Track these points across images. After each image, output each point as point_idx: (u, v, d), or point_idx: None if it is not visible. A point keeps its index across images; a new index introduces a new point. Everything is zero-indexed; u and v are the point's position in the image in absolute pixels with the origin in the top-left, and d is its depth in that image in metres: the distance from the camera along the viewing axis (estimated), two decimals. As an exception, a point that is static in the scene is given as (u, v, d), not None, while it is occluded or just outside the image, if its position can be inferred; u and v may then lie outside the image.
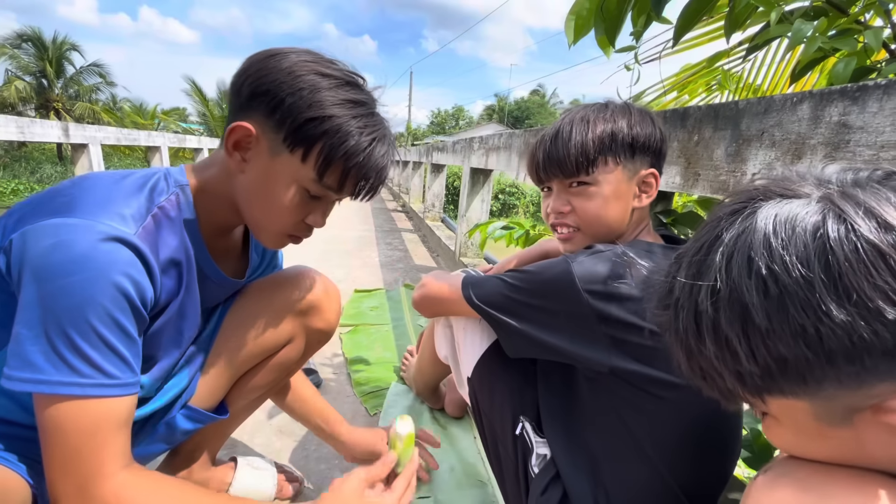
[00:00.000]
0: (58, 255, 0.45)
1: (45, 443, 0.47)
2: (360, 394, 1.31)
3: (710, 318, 0.31)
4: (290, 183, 0.57)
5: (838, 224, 0.27)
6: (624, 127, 0.68)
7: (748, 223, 0.30)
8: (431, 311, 0.88)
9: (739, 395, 0.34)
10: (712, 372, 0.33)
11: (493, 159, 2.21)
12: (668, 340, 0.36)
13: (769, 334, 0.28)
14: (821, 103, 0.62)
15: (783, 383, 0.30)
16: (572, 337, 0.63)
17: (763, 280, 0.28)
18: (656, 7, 0.84)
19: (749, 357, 0.30)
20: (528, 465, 0.72)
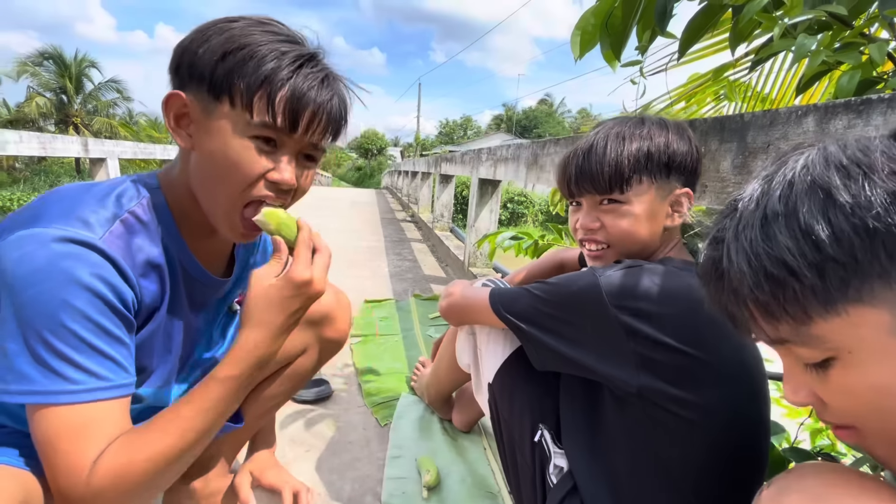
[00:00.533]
0: (24, 266, 0.46)
1: (39, 449, 0.48)
2: (371, 404, 1.32)
3: (782, 216, 0.31)
4: (230, 136, 0.53)
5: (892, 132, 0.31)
6: (661, 145, 0.66)
7: (815, 150, 0.33)
8: (458, 319, 0.90)
9: (812, 308, 0.31)
10: (786, 275, 0.31)
11: (502, 170, 2.23)
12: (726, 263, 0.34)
13: (855, 210, 0.29)
14: (826, 116, 0.63)
15: (867, 271, 0.29)
16: (599, 353, 0.63)
17: (843, 166, 0.30)
18: (660, 23, 0.85)
19: (833, 240, 0.29)
20: (546, 473, 0.73)
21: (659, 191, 0.68)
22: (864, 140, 0.32)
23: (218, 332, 0.78)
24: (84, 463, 0.47)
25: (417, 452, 1.10)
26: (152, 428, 0.51)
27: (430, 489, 0.97)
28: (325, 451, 1.11)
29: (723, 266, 0.34)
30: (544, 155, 1.63)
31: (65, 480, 0.47)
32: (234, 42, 0.51)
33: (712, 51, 1.36)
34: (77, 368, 0.48)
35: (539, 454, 0.74)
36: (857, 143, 0.32)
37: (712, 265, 0.36)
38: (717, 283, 0.35)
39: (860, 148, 0.31)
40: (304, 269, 0.56)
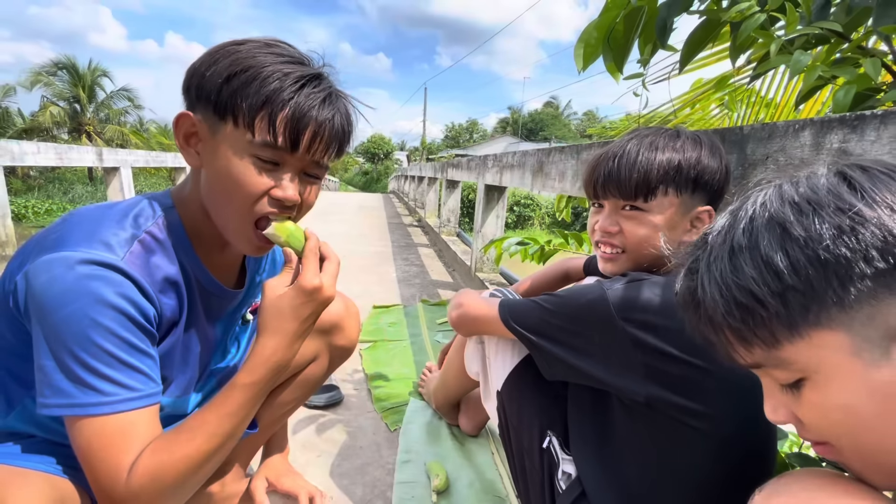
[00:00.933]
0: (53, 288, 0.49)
1: (79, 456, 0.52)
2: (381, 409, 1.35)
3: (746, 249, 0.35)
4: (234, 155, 0.55)
5: (848, 167, 0.35)
6: (692, 160, 0.67)
7: (769, 185, 0.37)
8: (468, 330, 0.92)
9: (780, 333, 0.34)
10: (754, 304, 0.34)
11: (507, 177, 2.26)
12: (701, 293, 0.37)
13: (808, 243, 0.32)
14: (821, 131, 0.65)
15: (824, 298, 0.32)
16: (608, 364, 0.64)
17: (795, 203, 0.34)
18: (661, 37, 0.87)
19: (791, 271, 0.32)
20: (555, 478, 0.74)
21: (682, 205, 0.68)
22: (813, 178, 0.35)
23: (232, 343, 0.81)
24: (122, 466, 0.51)
25: (426, 457, 1.12)
26: (181, 432, 0.54)
27: (439, 493, 0.99)
28: (336, 455, 1.13)
29: (698, 296, 0.37)
30: (549, 163, 1.66)
31: (106, 483, 0.51)
32: (240, 64, 0.54)
33: (714, 59, 1.38)
34: (109, 381, 0.51)
35: (547, 460, 0.76)
36: (807, 180, 0.35)
37: (689, 294, 0.39)
38: (695, 312, 0.38)
39: (810, 186, 0.34)
40: (313, 276, 0.59)
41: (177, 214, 0.62)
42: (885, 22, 0.64)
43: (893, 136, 0.56)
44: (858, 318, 0.31)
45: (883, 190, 0.32)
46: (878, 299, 0.31)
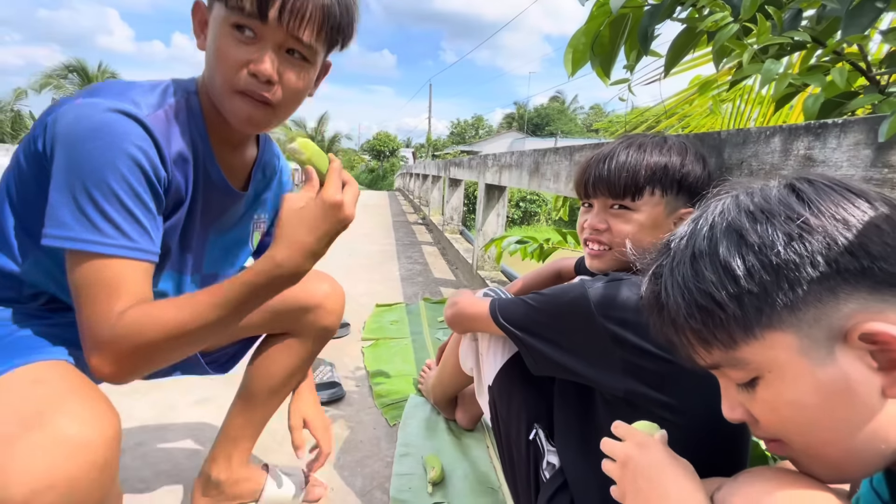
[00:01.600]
0: (81, 124, 0.52)
1: (73, 295, 0.53)
2: (381, 405, 1.40)
3: (706, 254, 0.37)
4: (218, 29, 0.58)
5: (799, 181, 0.38)
6: (677, 164, 0.71)
7: (728, 194, 0.40)
8: (462, 327, 0.97)
9: (737, 333, 0.36)
10: (712, 306, 0.36)
11: (506, 176, 2.29)
12: (664, 297, 0.40)
13: (762, 249, 0.35)
14: (790, 137, 0.68)
15: (777, 298, 0.34)
16: (589, 359, 0.67)
17: (751, 212, 0.37)
18: (643, 44, 0.90)
19: (747, 275, 0.35)
20: (540, 469, 0.78)
21: (667, 205, 0.72)
22: (765, 189, 0.38)
23: (228, 256, 0.83)
24: (113, 310, 0.52)
25: (424, 451, 1.16)
26: (172, 302, 0.56)
27: (434, 485, 1.04)
28: (338, 449, 1.18)
29: (662, 299, 0.40)
30: (545, 163, 1.69)
31: (94, 322, 0.52)
32: None
33: (702, 62, 1.40)
34: (112, 225, 0.53)
35: (533, 451, 0.81)
36: (760, 191, 0.38)
37: (653, 298, 0.42)
38: (659, 314, 0.41)
39: (763, 196, 0.38)
40: (336, 192, 0.57)
41: (197, 100, 0.65)
42: (853, 31, 0.67)
43: (852, 144, 0.58)
44: (806, 319, 0.34)
45: (827, 201, 0.35)
46: (823, 302, 0.34)
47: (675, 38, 0.93)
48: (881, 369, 0.33)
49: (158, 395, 1.35)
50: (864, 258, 0.33)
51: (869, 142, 0.56)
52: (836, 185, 0.36)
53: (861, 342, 0.33)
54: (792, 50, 0.80)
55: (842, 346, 0.34)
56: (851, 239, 0.33)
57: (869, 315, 0.33)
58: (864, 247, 0.33)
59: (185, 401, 1.37)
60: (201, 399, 1.38)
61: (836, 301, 0.33)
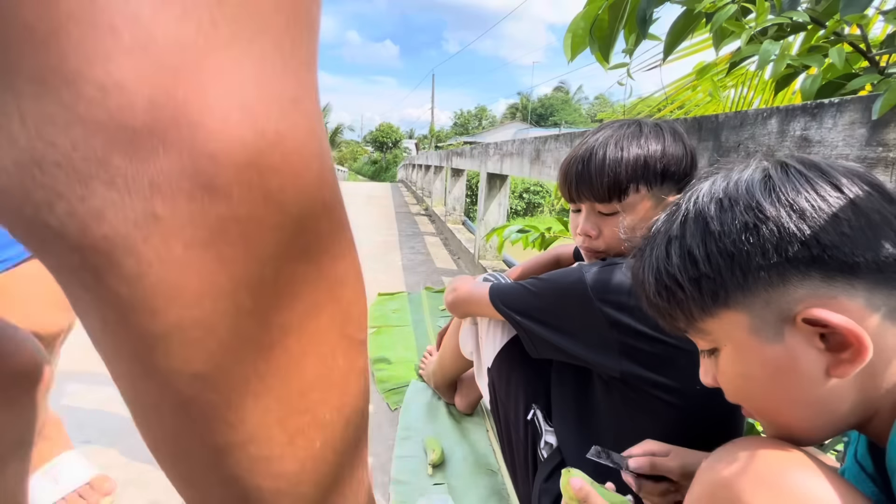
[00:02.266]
0: None
1: None
2: (382, 391, 1.42)
3: (677, 239, 0.40)
4: None
5: (776, 166, 0.38)
6: (657, 154, 0.69)
7: (712, 177, 0.42)
8: (461, 311, 0.98)
9: (696, 311, 0.40)
10: (675, 287, 0.40)
11: (508, 165, 2.29)
12: (641, 277, 0.44)
13: (720, 236, 0.37)
14: (786, 118, 0.68)
15: (729, 283, 0.37)
16: (586, 342, 0.69)
17: (719, 200, 0.38)
18: (642, 28, 0.90)
19: (705, 260, 0.38)
20: (538, 448, 0.80)
21: (654, 197, 0.71)
22: (742, 173, 0.40)
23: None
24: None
25: (424, 434, 1.18)
26: None
27: (435, 467, 1.06)
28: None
29: (640, 276, 0.44)
30: (545, 151, 1.68)
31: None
32: None
33: (703, 47, 1.39)
34: None
35: (531, 431, 0.82)
36: (736, 177, 0.40)
37: (635, 274, 0.45)
38: (640, 290, 0.45)
39: (735, 183, 0.39)
40: None
41: None
42: (852, 11, 0.67)
43: (847, 124, 0.59)
44: (757, 302, 0.36)
45: (790, 190, 0.36)
46: (773, 287, 0.36)
47: (675, 21, 0.92)
48: (828, 350, 0.35)
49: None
50: (814, 248, 0.34)
51: (864, 121, 0.56)
52: (809, 170, 0.37)
53: (807, 325, 0.35)
54: (791, 31, 0.80)
55: (790, 328, 0.36)
56: (803, 229, 0.34)
57: (818, 301, 0.34)
58: (815, 237, 0.34)
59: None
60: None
61: (786, 287, 0.35)
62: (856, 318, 0.33)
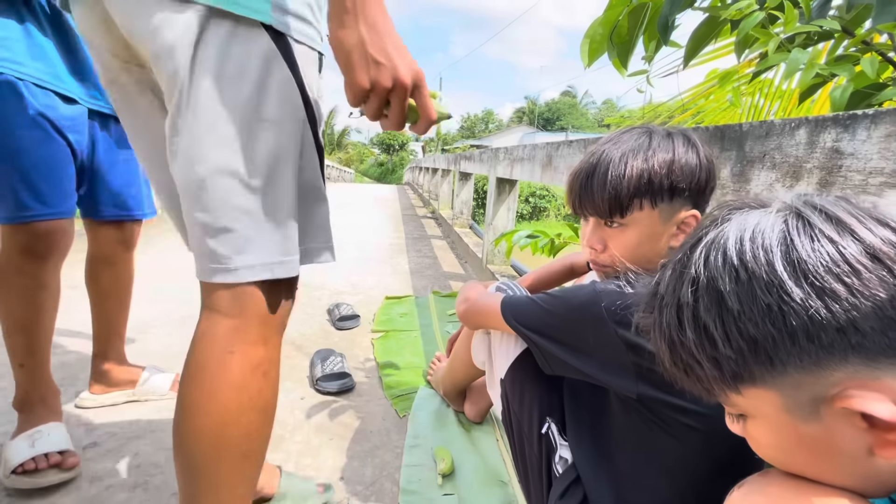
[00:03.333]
0: None
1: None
2: (391, 397, 1.40)
3: (690, 308, 0.35)
4: None
5: (797, 221, 0.33)
6: (662, 170, 0.65)
7: (724, 226, 0.36)
8: (474, 323, 0.96)
9: (718, 388, 0.36)
10: (692, 362, 0.36)
11: (518, 169, 2.27)
12: (653, 339, 0.40)
13: (740, 316, 0.32)
14: (816, 129, 0.66)
15: (754, 367, 0.33)
16: (601, 362, 0.66)
17: (734, 268, 0.33)
18: (663, 35, 0.88)
19: (724, 341, 0.33)
20: (552, 463, 0.78)
21: (661, 214, 0.68)
22: (757, 235, 0.33)
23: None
24: None
25: (433, 442, 1.17)
26: None
27: (444, 476, 1.04)
28: (348, 439, 1.19)
29: (653, 338, 0.40)
30: (558, 156, 1.67)
31: None
32: None
33: (722, 53, 1.37)
34: None
35: (546, 445, 0.80)
36: (751, 231, 0.34)
37: (646, 329, 0.41)
38: (654, 348, 0.41)
39: (751, 242, 0.33)
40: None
41: None
42: (885, 19, 0.65)
43: (883, 136, 0.57)
44: (788, 382, 0.32)
45: (817, 262, 0.30)
46: (806, 370, 0.31)
47: (697, 27, 0.91)
48: (872, 427, 0.31)
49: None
50: (853, 335, 0.30)
51: (901, 133, 0.54)
52: (836, 228, 0.31)
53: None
54: (819, 39, 0.78)
55: (827, 408, 0.32)
56: (838, 315, 0.29)
57: (859, 382, 0.30)
58: (853, 323, 0.29)
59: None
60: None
61: (821, 370, 0.31)
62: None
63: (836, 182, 0.62)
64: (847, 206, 0.33)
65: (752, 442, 0.39)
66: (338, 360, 1.53)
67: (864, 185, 0.59)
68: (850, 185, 0.61)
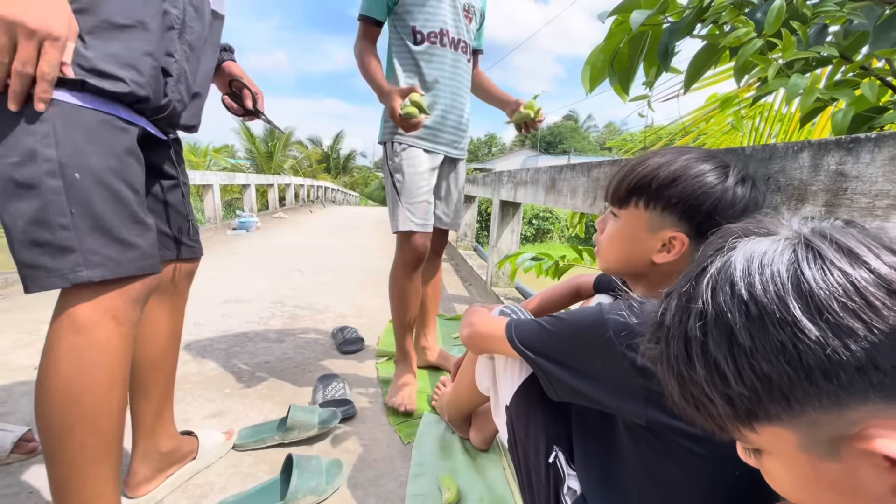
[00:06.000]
0: None
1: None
2: (395, 423, 1.38)
3: (699, 342, 0.33)
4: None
5: (806, 252, 0.31)
6: (667, 177, 0.65)
7: (730, 255, 0.34)
8: (478, 348, 0.94)
9: (731, 425, 0.35)
10: (703, 398, 0.34)
11: (521, 193, 2.29)
12: (661, 372, 0.38)
13: (753, 353, 0.31)
14: (819, 152, 0.66)
15: (769, 406, 0.31)
16: (609, 387, 0.65)
17: (744, 302, 0.31)
18: (663, 61, 0.90)
19: (737, 378, 0.32)
20: (560, 493, 0.75)
21: (649, 221, 0.68)
22: (770, 263, 0.32)
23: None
24: None
25: (439, 471, 1.14)
26: None
27: (450, 507, 1.01)
28: (351, 466, 1.16)
29: (661, 372, 0.38)
30: (561, 180, 1.68)
31: None
32: None
33: (722, 78, 1.39)
34: None
35: (553, 475, 0.78)
36: (759, 261, 0.32)
37: (654, 362, 0.39)
38: (663, 382, 0.39)
39: (760, 274, 0.32)
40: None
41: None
42: (882, 46, 0.66)
43: (887, 159, 0.57)
44: (805, 421, 0.31)
45: (831, 296, 0.29)
46: (825, 409, 0.30)
47: (696, 54, 0.92)
48: (893, 468, 0.29)
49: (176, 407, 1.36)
50: (873, 374, 0.28)
51: (905, 156, 0.55)
52: (848, 260, 0.30)
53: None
54: (817, 65, 0.79)
55: (847, 448, 0.30)
56: (857, 353, 0.28)
57: (879, 421, 0.29)
58: (873, 362, 0.28)
59: (200, 413, 1.37)
60: (215, 412, 1.38)
61: (840, 410, 0.30)
62: None
63: (843, 204, 0.62)
64: (857, 233, 0.32)
65: (767, 477, 0.37)
66: (340, 385, 1.52)
67: (871, 207, 0.59)
68: (858, 208, 0.60)
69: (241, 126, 20.46)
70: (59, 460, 0.69)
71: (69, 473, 0.69)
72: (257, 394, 1.52)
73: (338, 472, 1.11)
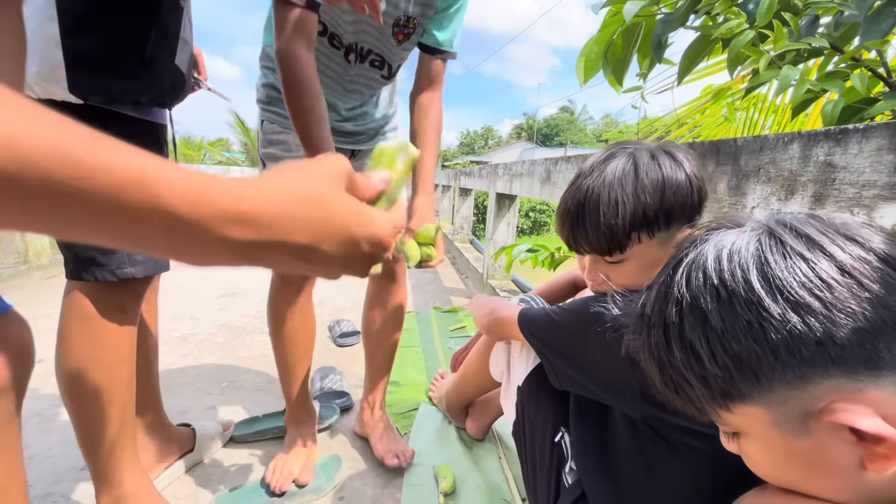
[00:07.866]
0: None
1: None
2: (392, 414, 1.39)
3: (676, 327, 0.36)
4: None
5: (770, 239, 0.34)
6: (656, 203, 0.63)
7: (702, 247, 0.37)
8: (498, 334, 0.95)
9: (708, 406, 0.37)
10: (681, 381, 0.37)
11: (517, 185, 2.29)
12: (643, 361, 0.40)
13: (724, 334, 0.33)
14: (808, 143, 0.67)
15: (741, 384, 0.33)
16: (606, 380, 0.66)
17: (715, 287, 0.34)
18: (656, 52, 0.90)
19: (710, 359, 0.34)
20: (562, 473, 0.77)
21: (660, 242, 0.67)
22: (734, 255, 0.34)
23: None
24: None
25: (435, 460, 1.15)
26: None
27: (446, 495, 1.03)
28: (348, 457, 1.18)
29: (643, 360, 0.41)
30: (556, 172, 1.69)
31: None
32: None
33: (715, 70, 1.40)
34: None
35: (557, 455, 0.79)
36: (728, 251, 0.35)
37: (636, 352, 0.41)
38: (646, 370, 0.41)
39: (729, 261, 0.34)
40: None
41: None
42: (872, 37, 0.66)
43: (874, 150, 0.58)
44: (775, 398, 0.33)
45: (790, 278, 0.31)
46: (791, 385, 0.32)
47: (689, 45, 0.93)
48: (861, 441, 0.31)
49: (173, 401, 1.36)
50: (831, 348, 0.30)
51: (892, 147, 0.55)
52: (806, 246, 0.32)
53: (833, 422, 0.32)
54: (809, 56, 0.80)
55: (816, 422, 0.32)
56: (815, 328, 0.30)
57: (842, 395, 0.31)
58: (830, 336, 0.30)
59: (197, 406, 1.38)
60: (212, 405, 1.39)
61: (805, 385, 0.32)
62: (887, 409, 0.30)
63: (831, 195, 0.63)
64: (817, 223, 0.34)
65: (746, 459, 0.39)
66: (337, 377, 1.53)
67: (859, 197, 0.60)
68: (845, 198, 0.61)
69: (236, 119, 20.30)
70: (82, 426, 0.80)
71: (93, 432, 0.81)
72: (255, 386, 1.53)
73: (337, 467, 1.12)
